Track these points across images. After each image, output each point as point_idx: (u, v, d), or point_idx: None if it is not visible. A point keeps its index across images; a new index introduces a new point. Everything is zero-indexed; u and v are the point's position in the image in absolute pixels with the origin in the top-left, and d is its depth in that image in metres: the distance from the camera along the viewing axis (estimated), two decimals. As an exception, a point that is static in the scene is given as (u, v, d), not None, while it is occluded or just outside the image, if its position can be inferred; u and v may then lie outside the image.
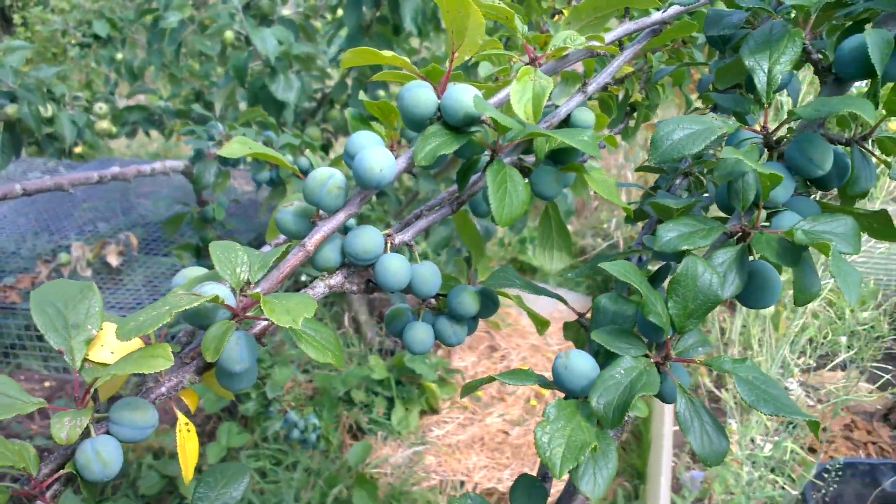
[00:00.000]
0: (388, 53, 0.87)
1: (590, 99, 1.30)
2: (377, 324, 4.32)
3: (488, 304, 0.95)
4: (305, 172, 2.03)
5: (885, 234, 0.77)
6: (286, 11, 3.56)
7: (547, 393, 4.06)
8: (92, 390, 0.71)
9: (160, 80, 4.48)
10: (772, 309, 3.88)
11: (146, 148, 7.49)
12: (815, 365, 3.82)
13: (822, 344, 3.84)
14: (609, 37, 0.90)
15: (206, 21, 3.08)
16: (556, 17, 1.52)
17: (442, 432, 3.77)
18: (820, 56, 0.78)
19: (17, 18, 7.38)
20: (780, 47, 0.75)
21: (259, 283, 0.80)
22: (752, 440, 3.33)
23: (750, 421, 3.39)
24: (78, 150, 5.08)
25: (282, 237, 1.14)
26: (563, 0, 1.51)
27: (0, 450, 0.64)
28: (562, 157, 0.91)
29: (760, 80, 0.75)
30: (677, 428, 3.76)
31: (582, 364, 0.72)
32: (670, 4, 0.89)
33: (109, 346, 0.73)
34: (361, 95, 0.99)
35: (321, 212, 0.84)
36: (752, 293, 0.74)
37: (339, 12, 3.37)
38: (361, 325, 4.22)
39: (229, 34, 3.00)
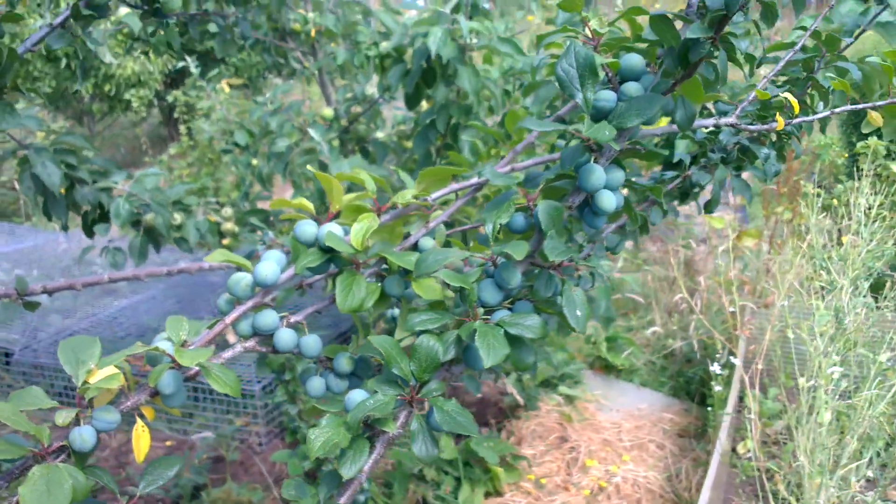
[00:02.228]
0: (295, 201, 1.37)
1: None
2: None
3: (363, 366, 1.40)
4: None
5: (568, 327, 1.18)
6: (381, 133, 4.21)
7: (609, 486, 4.30)
8: (86, 399, 1.22)
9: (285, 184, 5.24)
10: (829, 418, 3.97)
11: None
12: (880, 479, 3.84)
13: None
14: (436, 194, 1.36)
15: (307, 147, 3.75)
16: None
17: (503, 513, 4.10)
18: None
19: (182, 128, 8.60)
20: (503, 209, 1.19)
21: (193, 343, 1.30)
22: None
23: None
24: (226, 241, 5.86)
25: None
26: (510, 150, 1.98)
27: (28, 426, 1.15)
28: (407, 270, 1.37)
29: (488, 229, 1.19)
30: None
31: (357, 396, 1.16)
32: (474, 177, 1.36)
33: (100, 375, 1.25)
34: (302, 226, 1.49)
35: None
36: (468, 360, 1.16)
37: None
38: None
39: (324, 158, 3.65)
